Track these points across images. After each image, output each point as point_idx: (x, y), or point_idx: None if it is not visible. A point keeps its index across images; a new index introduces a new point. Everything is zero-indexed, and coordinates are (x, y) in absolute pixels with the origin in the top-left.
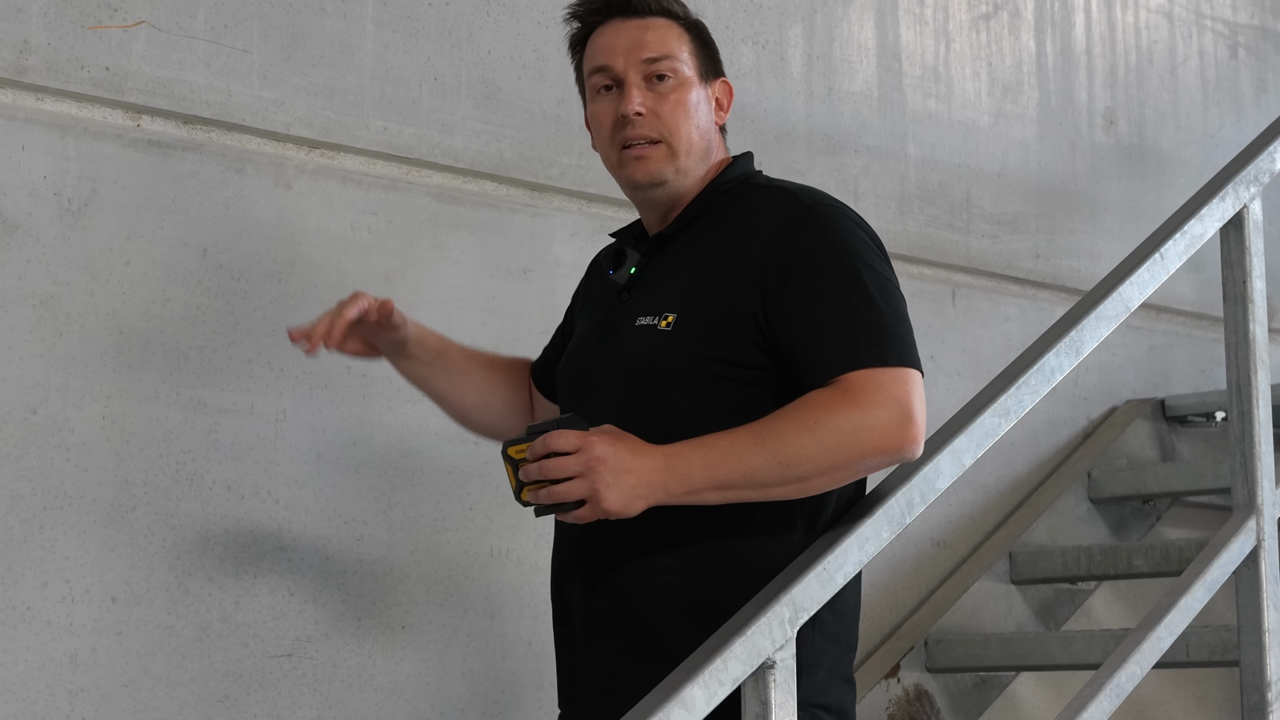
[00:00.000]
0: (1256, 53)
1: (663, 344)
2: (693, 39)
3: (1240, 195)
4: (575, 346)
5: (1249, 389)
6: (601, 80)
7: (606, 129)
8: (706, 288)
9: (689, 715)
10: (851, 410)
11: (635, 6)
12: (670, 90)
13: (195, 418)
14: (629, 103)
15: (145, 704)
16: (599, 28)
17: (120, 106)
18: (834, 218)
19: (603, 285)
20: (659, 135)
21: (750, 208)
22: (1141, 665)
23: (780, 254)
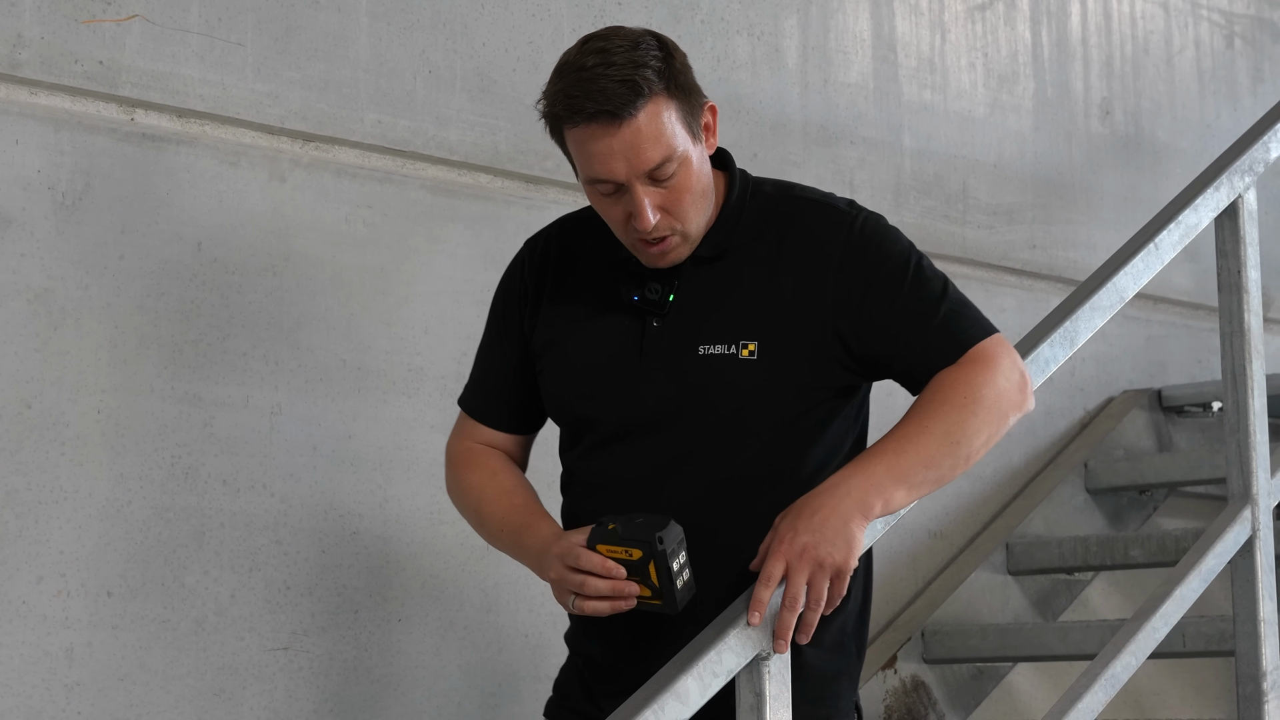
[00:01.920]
0: (1253, 42)
1: (750, 373)
2: (676, 100)
3: (1235, 185)
4: (596, 375)
5: (1244, 379)
6: (605, 186)
7: (618, 224)
8: (782, 314)
9: (683, 707)
10: (987, 377)
11: (620, 115)
12: (676, 181)
13: (190, 411)
14: (644, 218)
15: (141, 698)
16: (584, 126)
17: (114, 100)
18: (882, 226)
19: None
20: (672, 230)
21: (793, 225)
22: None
23: (851, 271)
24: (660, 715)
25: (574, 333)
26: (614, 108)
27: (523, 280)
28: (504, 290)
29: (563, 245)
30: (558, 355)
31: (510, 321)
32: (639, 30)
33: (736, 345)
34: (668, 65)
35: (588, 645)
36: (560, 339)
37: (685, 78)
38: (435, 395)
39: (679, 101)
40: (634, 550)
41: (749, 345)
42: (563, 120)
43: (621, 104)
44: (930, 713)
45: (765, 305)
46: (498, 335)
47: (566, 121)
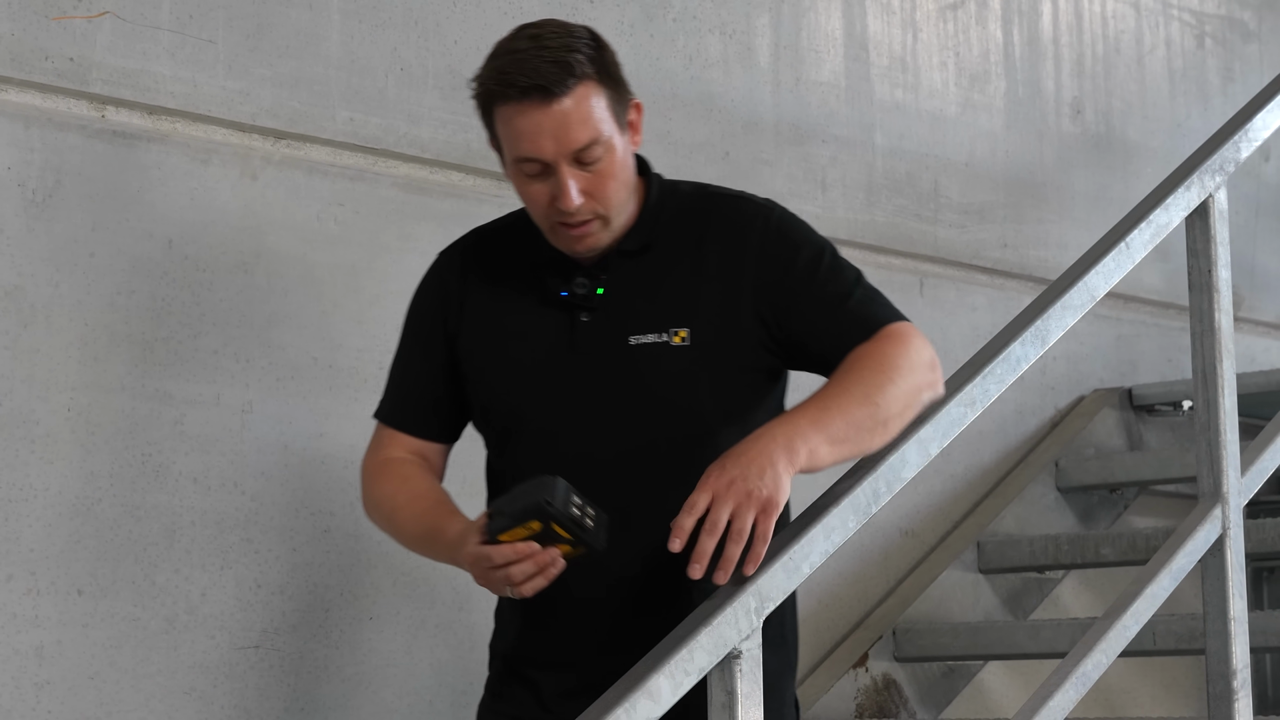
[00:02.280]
0: (1223, 42)
1: (683, 358)
2: (605, 88)
3: (1206, 184)
4: (529, 372)
5: (1215, 378)
6: (531, 166)
7: (540, 207)
8: (709, 301)
9: (654, 705)
10: (900, 349)
11: (554, 91)
12: (601, 166)
13: (161, 409)
14: (568, 198)
15: (112, 696)
16: (515, 104)
17: (85, 97)
18: (797, 219)
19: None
20: (594, 214)
21: (712, 218)
22: (1108, 654)
23: (770, 258)
24: (632, 713)
25: (503, 333)
26: (547, 84)
27: (443, 289)
28: (421, 301)
29: (481, 251)
30: (488, 356)
31: (432, 330)
32: (575, 24)
33: (667, 333)
34: (599, 55)
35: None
36: (489, 340)
37: (615, 70)
38: None
39: (608, 90)
40: (532, 523)
41: (680, 332)
42: (495, 97)
43: (553, 81)
44: (901, 711)
45: (692, 293)
46: (418, 345)
47: (499, 98)
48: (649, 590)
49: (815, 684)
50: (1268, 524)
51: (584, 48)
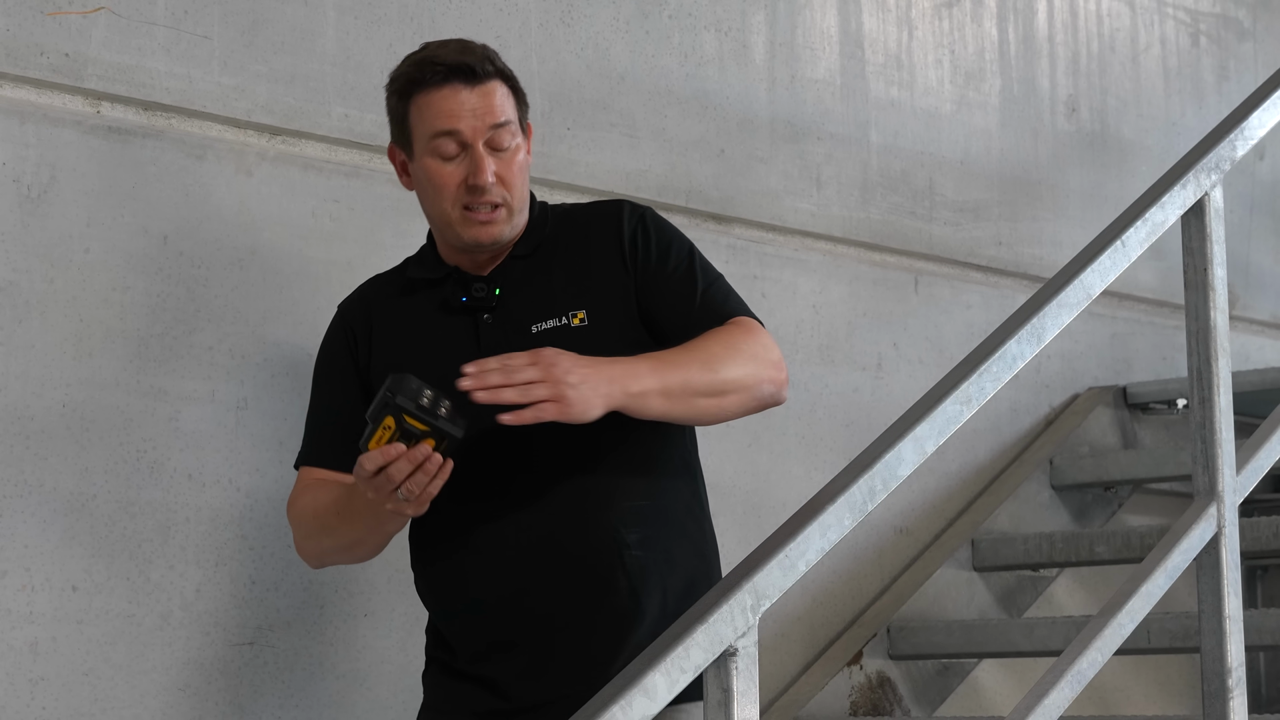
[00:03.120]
0: (1218, 40)
1: (584, 336)
2: (515, 96)
3: (1201, 183)
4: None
5: (1210, 376)
6: (448, 145)
7: (450, 190)
8: (598, 284)
9: (650, 702)
10: (747, 336)
11: (478, 74)
12: (510, 154)
13: (156, 405)
14: (483, 173)
15: (106, 693)
16: (436, 88)
17: (80, 93)
18: (663, 218)
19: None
20: (502, 199)
21: (591, 219)
22: (1103, 652)
23: (640, 247)
24: (628, 710)
25: (411, 346)
26: (471, 65)
27: (347, 330)
28: (326, 349)
29: (379, 289)
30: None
31: (342, 368)
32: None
33: (566, 316)
34: (505, 65)
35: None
36: (398, 356)
37: (519, 84)
38: None
39: (515, 95)
40: (387, 420)
41: (578, 314)
42: (416, 84)
43: (476, 64)
44: (896, 709)
45: (583, 279)
46: (327, 385)
47: (420, 85)
48: (566, 545)
49: (809, 681)
50: (1262, 522)
51: (494, 55)
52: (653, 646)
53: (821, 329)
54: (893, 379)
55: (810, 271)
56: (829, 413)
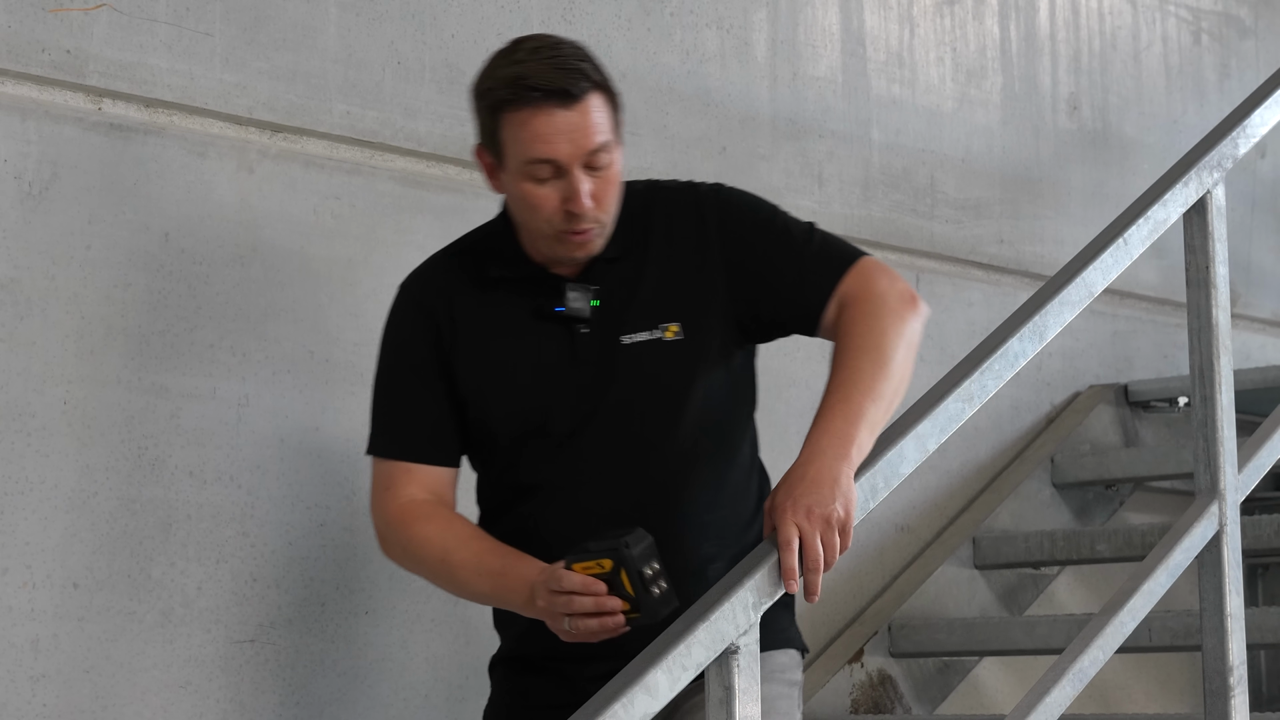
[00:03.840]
0: (1220, 38)
1: (678, 350)
2: (611, 103)
3: (1204, 181)
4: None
5: (1212, 374)
6: (543, 170)
7: (546, 212)
8: (684, 289)
9: (652, 700)
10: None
11: (573, 94)
12: (607, 172)
13: (157, 403)
14: (581, 200)
15: (107, 690)
16: (531, 109)
17: (81, 89)
18: (744, 192)
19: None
20: (597, 220)
21: (671, 211)
22: (1105, 650)
23: (729, 232)
24: (630, 708)
25: (504, 353)
26: (566, 87)
27: (428, 313)
28: (405, 329)
29: (457, 272)
30: (491, 378)
31: (425, 355)
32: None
33: (659, 329)
34: (599, 67)
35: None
36: (490, 362)
37: (613, 83)
38: None
39: (610, 101)
40: (604, 560)
41: (670, 327)
42: (508, 103)
43: (572, 84)
44: (896, 706)
45: (675, 287)
46: (412, 373)
47: (512, 104)
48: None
49: (811, 679)
50: (1263, 520)
51: (588, 58)
52: (655, 644)
53: None
54: None
55: None
56: None
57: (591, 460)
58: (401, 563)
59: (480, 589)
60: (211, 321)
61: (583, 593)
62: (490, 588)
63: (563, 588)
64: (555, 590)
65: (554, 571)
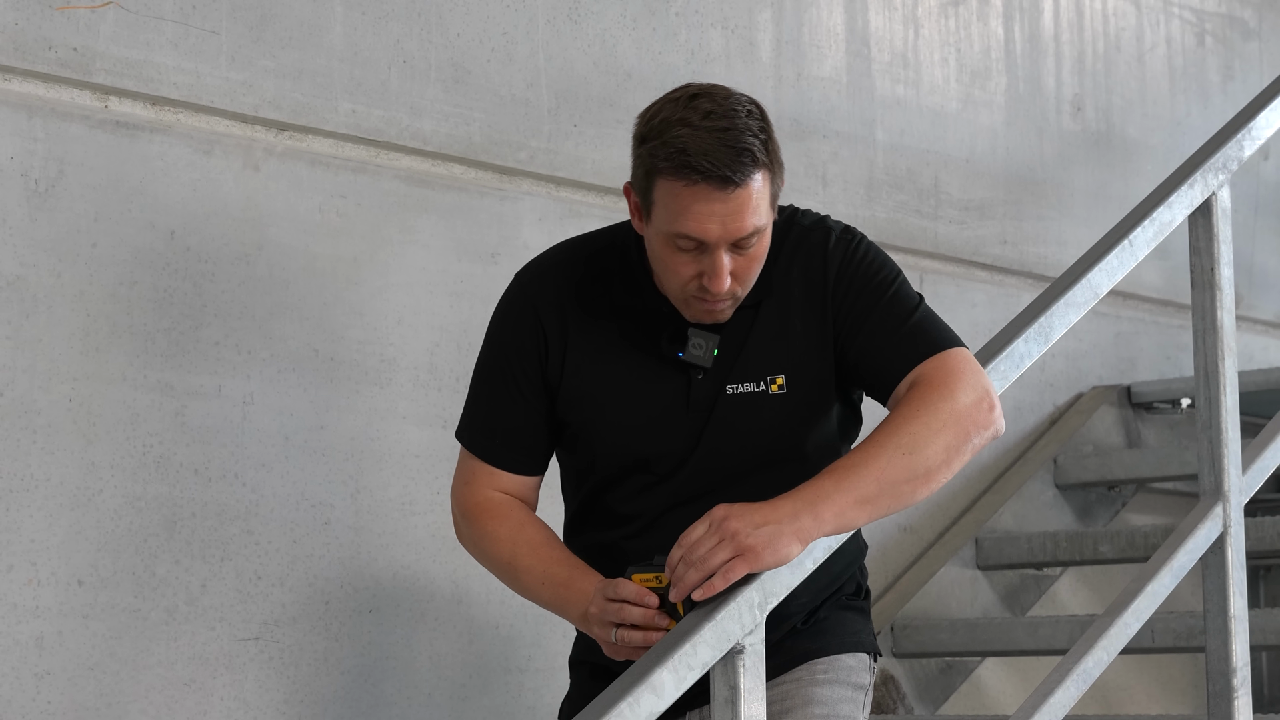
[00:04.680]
0: (1224, 40)
1: (782, 405)
2: (772, 173)
3: (1209, 182)
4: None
5: (1217, 375)
6: (687, 244)
7: (682, 278)
8: (796, 341)
9: (658, 699)
10: (944, 392)
11: (735, 181)
12: (754, 251)
13: (162, 400)
14: (720, 282)
15: (111, 687)
16: (687, 184)
17: (88, 87)
18: (872, 249)
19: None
20: (735, 295)
21: (793, 256)
22: (1109, 651)
23: (844, 287)
24: (636, 708)
25: (617, 390)
26: (730, 174)
27: (537, 328)
28: (514, 335)
29: (575, 286)
30: (600, 411)
31: (530, 370)
32: (743, 96)
33: (765, 381)
34: (769, 138)
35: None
36: (600, 395)
37: (778, 152)
38: (408, 386)
39: (772, 174)
40: (663, 576)
41: (777, 380)
42: (667, 173)
43: (735, 171)
44: (899, 706)
45: (785, 336)
46: (513, 383)
47: (673, 175)
48: None
49: None
50: (1266, 522)
51: (759, 131)
52: (660, 644)
53: None
54: None
55: None
56: None
57: (685, 499)
58: (472, 554)
59: (542, 595)
60: (217, 319)
61: (635, 603)
62: (550, 596)
63: (617, 595)
64: (610, 597)
65: (613, 579)
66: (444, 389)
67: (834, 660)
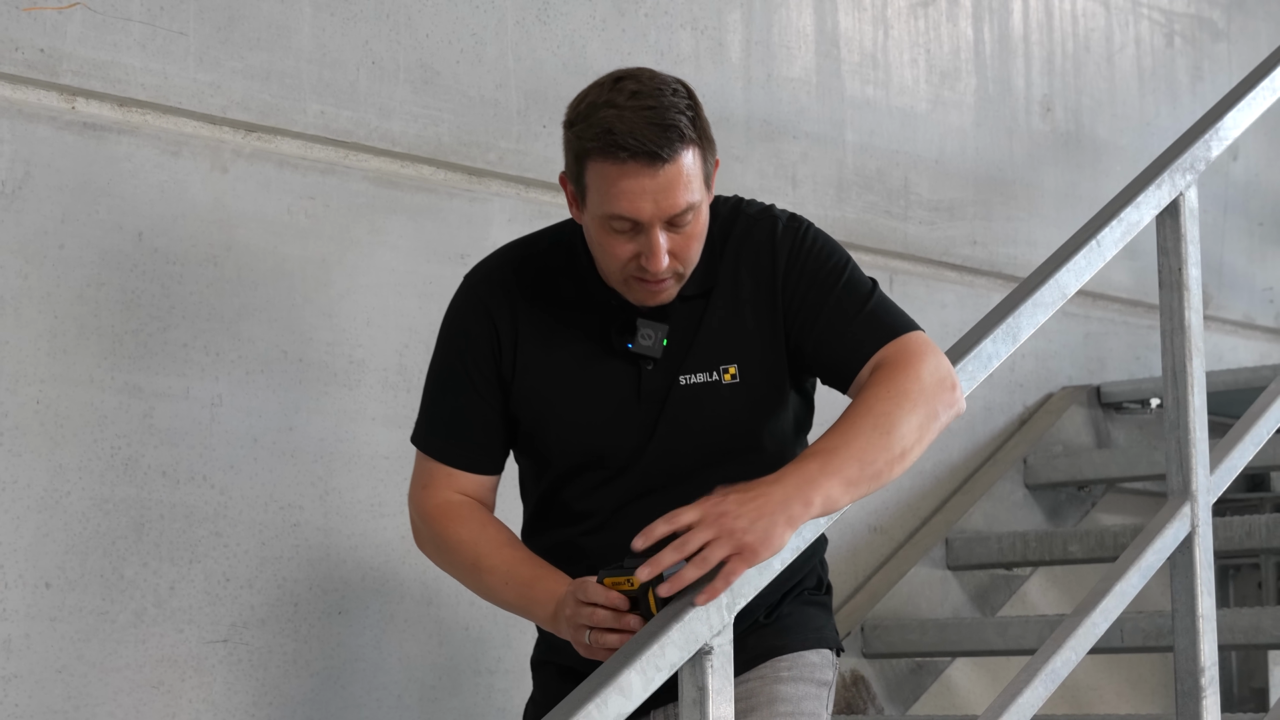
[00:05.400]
0: (1192, 41)
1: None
2: (702, 150)
3: (1176, 183)
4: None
5: (1184, 375)
6: (621, 225)
7: (621, 261)
8: (748, 330)
9: (625, 700)
10: (910, 372)
11: (663, 156)
12: (690, 228)
13: (130, 402)
14: (657, 261)
15: (79, 690)
16: (617, 164)
17: (55, 88)
18: (821, 235)
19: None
20: (674, 273)
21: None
22: (1077, 650)
23: (794, 275)
24: (604, 709)
25: (568, 383)
26: (655, 149)
27: (490, 324)
28: (467, 333)
29: (526, 284)
30: (552, 405)
31: (485, 367)
32: (669, 77)
33: (718, 371)
34: (697, 116)
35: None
36: (553, 389)
37: (708, 130)
38: (376, 388)
39: (703, 152)
40: (634, 579)
41: (730, 369)
42: (595, 154)
43: (662, 146)
44: (869, 707)
45: (737, 325)
46: (469, 381)
47: (601, 156)
48: None
49: None
50: (1234, 522)
51: (685, 109)
52: (628, 645)
53: None
54: None
55: None
56: None
57: (640, 493)
58: (433, 558)
59: (507, 597)
60: (185, 321)
61: (605, 606)
62: (516, 597)
63: (588, 598)
64: (581, 600)
65: (583, 582)
66: (413, 390)
67: (797, 657)
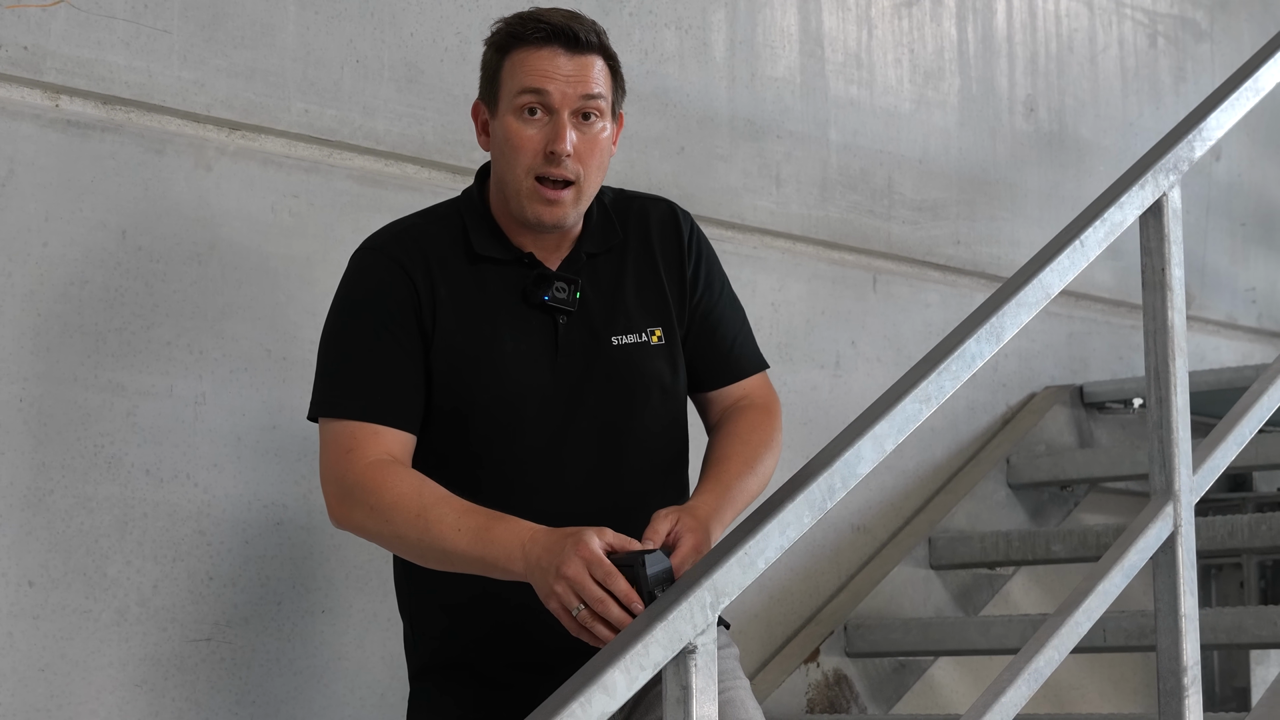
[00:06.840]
0: (1176, 42)
1: (661, 355)
2: (614, 78)
3: (1160, 183)
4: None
5: (1167, 375)
6: (531, 101)
7: (528, 155)
8: (665, 300)
9: (609, 699)
10: (767, 418)
11: (581, 42)
12: (594, 130)
13: (114, 400)
14: (562, 141)
15: (62, 688)
16: (535, 46)
17: (39, 86)
18: (700, 229)
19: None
20: (574, 176)
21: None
22: (1060, 650)
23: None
24: (588, 708)
25: (490, 336)
26: (576, 32)
27: (410, 284)
28: (385, 294)
29: (438, 251)
30: (474, 358)
31: (405, 321)
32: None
33: (646, 333)
34: (613, 52)
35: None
36: (475, 343)
37: (621, 71)
38: None
39: (614, 81)
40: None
41: (656, 331)
42: (516, 40)
43: (582, 32)
44: (852, 706)
45: (658, 293)
46: (391, 337)
47: (520, 41)
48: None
49: (766, 679)
50: (1217, 521)
51: (602, 32)
52: (612, 643)
53: (780, 327)
54: (851, 377)
55: (769, 269)
56: (787, 411)
57: (565, 456)
58: (364, 526)
59: (459, 546)
60: (169, 319)
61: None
62: (471, 544)
63: (610, 587)
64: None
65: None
66: None
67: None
